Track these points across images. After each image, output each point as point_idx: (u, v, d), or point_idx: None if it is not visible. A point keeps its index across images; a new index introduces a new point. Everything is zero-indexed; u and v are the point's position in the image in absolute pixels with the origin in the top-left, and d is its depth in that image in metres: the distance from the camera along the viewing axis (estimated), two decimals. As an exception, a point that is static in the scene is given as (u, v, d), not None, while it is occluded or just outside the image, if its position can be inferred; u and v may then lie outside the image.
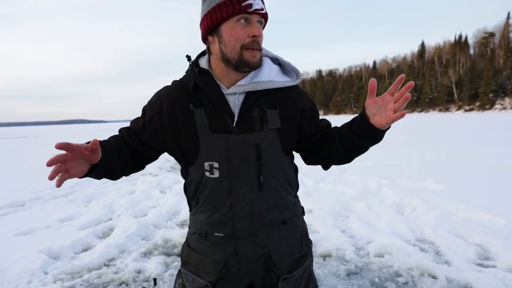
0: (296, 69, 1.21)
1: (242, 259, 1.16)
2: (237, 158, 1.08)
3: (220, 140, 1.08)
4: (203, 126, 1.10)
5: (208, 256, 1.18)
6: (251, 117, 1.11)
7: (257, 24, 1.06)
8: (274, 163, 1.13)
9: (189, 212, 1.30)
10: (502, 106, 62.61)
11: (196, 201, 1.19)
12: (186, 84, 1.15)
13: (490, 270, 2.72)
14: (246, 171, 1.10)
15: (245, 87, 1.11)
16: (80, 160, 0.98)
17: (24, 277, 2.83)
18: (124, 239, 3.61)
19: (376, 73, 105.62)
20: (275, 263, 1.18)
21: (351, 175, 6.69)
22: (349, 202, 4.84)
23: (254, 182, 1.11)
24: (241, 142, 1.08)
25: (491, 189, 5.14)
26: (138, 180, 7.12)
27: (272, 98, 1.14)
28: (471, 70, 71.29)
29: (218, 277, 1.16)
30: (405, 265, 2.89)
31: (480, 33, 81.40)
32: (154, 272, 2.94)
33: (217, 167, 1.09)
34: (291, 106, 1.17)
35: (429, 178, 6.02)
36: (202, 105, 1.11)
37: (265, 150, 1.10)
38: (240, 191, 1.11)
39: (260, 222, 1.14)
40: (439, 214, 4.06)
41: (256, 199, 1.12)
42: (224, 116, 1.10)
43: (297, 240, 1.25)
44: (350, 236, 3.65)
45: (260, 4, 1.06)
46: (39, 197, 5.75)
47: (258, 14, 1.05)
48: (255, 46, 1.06)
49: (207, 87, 1.11)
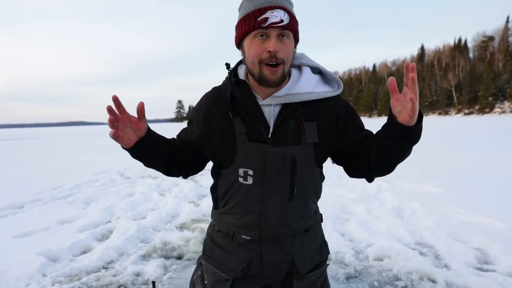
0: (337, 79, 1.19)
1: (266, 264, 1.20)
2: (272, 169, 1.10)
3: (258, 149, 1.10)
4: (242, 134, 1.11)
5: (234, 254, 1.21)
6: (286, 129, 1.11)
7: (275, 38, 1.02)
8: (307, 176, 1.15)
9: (212, 209, 1.33)
10: (502, 109, 62.71)
11: (225, 202, 1.22)
12: (223, 93, 1.17)
13: (489, 274, 2.72)
14: (279, 182, 1.11)
15: (281, 99, 1.11)
16: (129, 129, 1.08)
17: (23, 279, 2.82)
18: (123, 242, 3.60)
19: (376, 76, 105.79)
20: (298, 269, 1.21)
21: (350, 178, 6.67)
22: (348, 205, 4.84)
23: (286, 193, 1.13)
24: (279, 153, 1.09)
25: (490, 193, 5.14)
26: (138, 183, 7.11)
27: (310, 110, 1.13)
28: (470, 73, 71.48)
29: (239, 276, 1.19)
30: (405, 269, 2.88)
31: (479, 37, 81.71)
32: (153, 275, 2.93)
33: (252, 174, 1.11)
34: (330, 117, 1.15)
35: (428, 181, 6.02)
36: (238, 115, 1.13)
37: (300, 163, 1.11)
38: (271, 200, 1.13)
39: (287, 230, 1.18)
40: (438, 217, 4.05)
41: (286, 209, 1.15)
42: (260, 127, 1.11)
43: (318, 246, 1.29)
44: (349, 240, 3.64)
45: (280, 16, 1.01)
46: (38, 199, 5.73)
47: (277, 28, 1.02)
48: (272, 61, 1.03)
49: (243, 98, 1.12)
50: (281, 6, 1.03)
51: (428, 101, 76.98)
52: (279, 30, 1.03)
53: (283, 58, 1.05)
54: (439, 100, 75.24)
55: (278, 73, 1.05)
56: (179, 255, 3.39)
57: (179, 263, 3.19)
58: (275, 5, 1.02)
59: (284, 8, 1.03)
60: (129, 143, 1.09)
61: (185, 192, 6.00)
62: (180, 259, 3.32)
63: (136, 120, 1.08)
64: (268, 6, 1.02)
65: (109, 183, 7.22)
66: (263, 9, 1.02)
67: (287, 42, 1.05)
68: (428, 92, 77.86)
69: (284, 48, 1.04)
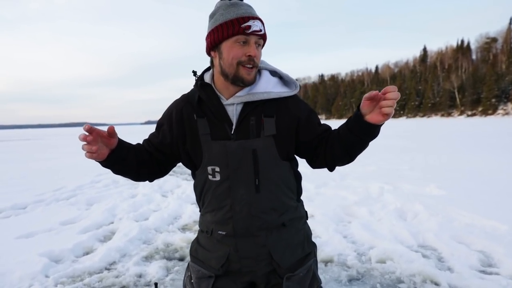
0: (294, 80, 1.29)
1: (243, 258, 1.25)
2: (234, 162, 1.19)
3: (219, 146, 1.19)
4: (205, 134, 1.22)
5: (213, 251, 1.28)
6: (248, 125, 1.20)
7: (254, 45, 1.16)
8: (271, 167, 1.22)
9: (197, 213, 1.44)
10: (505, 111, 62.45)
11: (203, 202, 1.30)
12: (191, 97, 1.28)
13: (493, 277, 2.70)
14: (243, 174, 1.19)
15: (243, 98, 1.21)
16: (101, 144, 1.14)
17: (25, 280, 2.83)
18: (125, 243, 3.61)
19: (378, 77, 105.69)
20: (278, 262, 1.25)
21: (353, 180, 6.67)
22: (351, 207, 4.82)
23: (251, 185, 1.20)
24: (238, 147, 1.18)
25: (494, 195, 5.11)
26: (140, 184, 7.12)
27: (269, 108, 1.23)
28: (473, 75, 71.20)
29: (221, 272, 1.25)
30: (407, 272, 2.87)
31: (482, 38, 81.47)
32: (155, 276, 2.93)
33: (218, 171, 1.20)
34: (288, 114, 1.25)
35: (431, 183, 6.00)
36: (204, 116, 1.23)
37: (261, 155, 1.19)
38: (238, 193, 1.20)
39: (258, 222, 1.23)
40: (441, 220, 4.04)
41: (253, 201, 1.21)
42: (224, 125, 1.21)
43: (300, 241, 1.31)
44: (352, 242, 3.63)
45: (259, 26, 1.15)
46: (41, 200, 5.76)
47: (256, 35, 1.15)
48: (251, 64, 1.16)
49: (209, 99, 1.23)
50: (259, 18, 1.18)
51: (431, 103, 76.76)
52: (257, 38, 1.16)
53: (257, 63, 1.19)
54: (442, 102, 74.98)
55: (253, 74, 1.18)
56: (181, 257, 3.39)
57: (181, 265, 3.19)
58: (255, 16, 1.16)
59: (261, 20, 1.18)
60: (102, 157, 1.16)
61: (187, 193, 6.01)
62: (182, 260, 3.32)
63: (107, 136, 1.15)
64: (250, 16, 1.15)
65: (111, 184, 7.24)
66: (246, 18, 1.14)
67: (260, 49, 1.20)
68: (431, 94, 77.65)
69: (258, 55, 1.19)
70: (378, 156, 10.44)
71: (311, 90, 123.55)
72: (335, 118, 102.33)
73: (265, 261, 1.25)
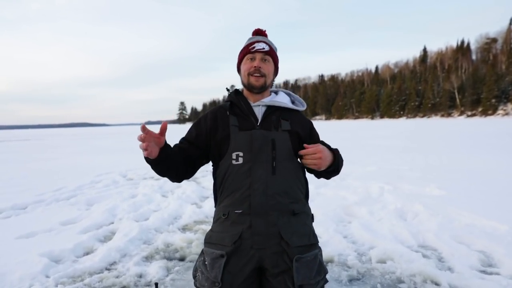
0: (302, 100, 1.68)
1: (255, 234, 1.41)
2: (256, 147, 1.45)
3: (245, 135, 1.48)
4: (234, 126, 1.51)
5: (227, 232, 1.45)
6: (270, 121, 1.53)
7: (259, 60, 1.53)
8: (286, 156, 1.48)
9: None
10: (505, 111, 62.38)
11: (222, 188, 1.50)
12: (224, 105, 1.61)
13: (493, 277, 2.71)
14: (263, 157, 1.44)
15: (266, 103, 1.56)
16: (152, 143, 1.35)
17: (26, 280, 2.83)
18: (125, 243, 3.61)
19: (378, 78, 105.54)
20: (287, 241, 1.40)
21: (353, 180, 6.67)
22: (351, 207, 4.82)
23: (269, 167, 1.44)
24: (261, 135, 1.47)
25: (494, 195, 5.11)
26: (140, 184, 7.13)
27: (286, 114, 1.57)
28: (473, 75, 71.07)
29: (232, 249, 1.40)
30: (408, 272, 2.87)
31: (482, 39, 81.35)
32: (155, 276, 2.93)
33: (242, 155, 1.46)
34: (298, 122, 1.59)
35: (431, 183, 6.00)
36: (235, 114, 1.54)
37: (278, 144, 1.47)
38: (257, 172, 1.43)
39: (272, 201, 1.43)
40: (441, 220, 4.04)
41: (270, 181, 1.43)
42: (251, 119, 1.52)
43: (306, 232, 1.48)
44: (352, 242, 3.63)
45: (263, 46, 1.54)
46: (41, 200, 5.75)
47: (261, 52, 1.53)
48: (257, 73, 1.52)
49: (239, 102, 1.56)
50: (264, 41, 1.57)
51: (431, 103, 76.66)
52: (262, 55, 1.54)
53: (265, 73, 1.53)
54: (442, 102, 74.86)
55: (261, 81, 1.53)
56: (182, 257, 3.39)
57: (181, 265, 3.20)
58: (260, 40, 1.57)
59: (265, 42, 1.57)
60: (155, 154, 1.37)
61: (187, 193, 6.01)
62: (183, 260, 3.32)
63: (158, 135, 1.36)
64: (256, 40, 1.57)
65: (111, 184, 7.23)
66: (253, 42, 1.56)
67: (267, 63, 1.56)
68: (431, 94, 77.54)
69: (265, 66, 1.54)
70: (378, 156, 10.45)
71: (311, 90, 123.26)
72: (335, 118, 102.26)
73: (275, 240, 1.41)
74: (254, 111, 1.54)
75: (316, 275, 1.40)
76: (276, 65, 1.60)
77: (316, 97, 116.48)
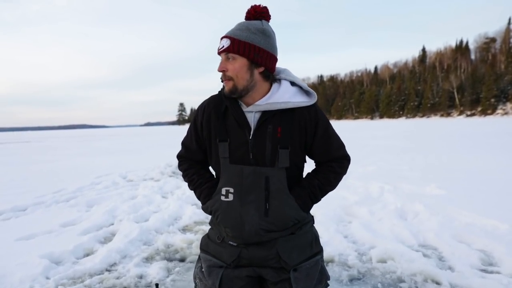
0: (312, 91, 1.37)
1: (253, 257, 1.35)
2: (246, 185, 1.28)
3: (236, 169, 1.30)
4: (224, 158, 1.32)
5: (225, 248, 1.38)
6: (265, 132, 1.29)
7: (223, 62, 1.28)
8: (281, 195, 1.30)
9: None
10: (504, 111, 62.41)
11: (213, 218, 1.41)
12: (218, 111, 1.37)
13: (494, 276, 2.70)
14: (253, 197, 1.28)
15: (261, 107, 1.30)
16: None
17: (26, 282, 2.82)
18: (125, 244, 3.60)
19: (378, 78, 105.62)
20: (286, 260, 1.33)
21: (353, 180, 6.67)
22: (351, 207, 4.82)
23: (261, 209, 1.29)
24: (252, 172, 1.28)
25: (494, 194, 5.12)
26: (140, 185, 7.12)
27: (287, 119, 1.31)
28: (472, 75, 71.12)
29: (232, 266, 1.36)
30: (408, 271, 2.87)
31: (481, 38, 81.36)
32: (156, 277, 2.93)
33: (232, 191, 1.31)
34: (305, 122, 1.33)
35: (431, 183, 6.00)
36: (226, 125, 1.34)
37: (273, 183, 1.29)
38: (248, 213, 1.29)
39: (266, 236, 1.31)
40: (442, 219, 4.04)
41: (262, 223, 1.29)
42: (244, 130, 1.31)
43: (307, 242, 1.39)
44: (352, 242, 3.63)
45: (223, 44, 1.27)
46: (41, 202, 5.75)
47: (222, 52, 1.27)
48: (222, 78, 1.30)
49: (231, 106, 1.33)
50: (226, 36, 1.28)
51: (430, 103, 76.69)
52: (224, 54, 1.27)
53: (231, 75, 1.27)
54: (441, 102, 74.89)
55: (229, 85, 1.28)
56: (182, 258, 3.39)
57: (182, 266, 3.19)
58: (223, 36, 1.29)
59: (227, 37, 1.27)
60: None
61: (187, 194, 6.00)
62: (183, 261, 3.31)
63: None
64: (222, 36, 1.29)
65: (111, 185, 7.23)
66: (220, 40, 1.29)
67: (233, 62, 1.26)
68: (430, 94, 77.56)
69: (231, 67, 1.26)
70: (378, 156, 10.45)
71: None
72: (335, 118, 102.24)
73: (274, 260, 1.34)
74: (247, 118, 1.31)
75: (318, 283, 1.35)
76: (250, 57, 1.25)
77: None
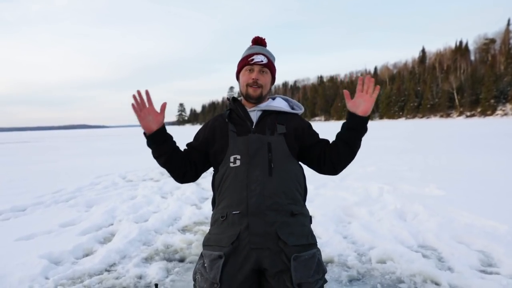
0: (299, 104, 1.75)
1: (252, 234, 1.43)
2: (252, 150, 1.51)
3: (243, 139, 1.55)
4: (233, 131, 1.59)
5: (225, 233, 1.47)
6: (265, 123, 1.60)
7: (257, 72, 1.61)
8: (282, 159, 1.53)
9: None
10: (504, 112, 62.42)
11: (220, 191, 1.56)
12: (224, 114, 1.70)
13: (493, 277, 2.71)
14: (259, 160, 1.50)
15: (262, 107, 1.65)
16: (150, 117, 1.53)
17: (25, 282, 2.82)
18: (125, 245, 3.60)
19: (377, 79, 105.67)
20: (284, 240, 1.41)
21: (352, 181, 6.67)
22: (350, 208, 4.82)
23: (266, 169, 1.48)
24: (257, 139, 1.54)
25: (493, 195, 5.12)
26: (140, 185, 7.12)
27: (281, 117, 1.64)
28: (472, 76, 71.11)
29: (230, 249, 1.41)
30: (408, 272, 2.87)
31: (480, 39, 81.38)
32: (155, 277, 2.93)
33: (239, 158, 1.52)
34: (294, 124, 1.64)
35: (431, 184, 6.00)
36: (233, 121, 1.63)
37: (274, 147, 1.53)
38: (254, 174, 1.48)
39: (269, 202, 1.45)
40: (441, 220, 4.04)
41: (266, 182, 1.47)
42: (247, 124, 1.61)
43: (304, 233, 1.49)
44: (352, 242, 3.63)
45: (261, 58, 1.61)
46: (40, 202, 5.74)
47: (259, 65, 1.61)
48: (255, 85, 1.61)
49: (236, 108, 1.66)
50: (262, 53, 1.64)
51: (430, 104, 76.67)
52: (260, 67, 1.62)
53: (262, 84, 1.62)
54: (441, 103, 74.85)
55: (258, 92, 1.62)
56: (182, 258, 3.39)
57: (181, 266, 3.19)
58: (259, 52, 1.64)
59: (264, 55, 1.64)
60: (150, 129, 1.52)
61: (187, 195, 6.00)
62: (183, 261, 3.31)
63: (157, 112, 1.53)
64: (255, 52, 1.64)
65: (111, 186, 7.23)
66: (252, 54, 1.64)
67: (265, 75, 1.64)
68: (430, 95, 77.52)
69: (263, 78, 1.62)
70: (377, 157, 10.45)
71: (310, 92, 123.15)
72: (334, 119, 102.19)
73: (272, 240, 1.42)
74: (250, 116, 1.63)
75: (315, 274, 1.41)
76: (273, 75, 1.69)
77: (315, 98, 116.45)
